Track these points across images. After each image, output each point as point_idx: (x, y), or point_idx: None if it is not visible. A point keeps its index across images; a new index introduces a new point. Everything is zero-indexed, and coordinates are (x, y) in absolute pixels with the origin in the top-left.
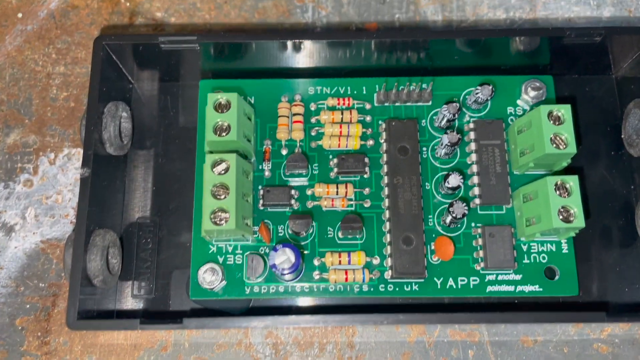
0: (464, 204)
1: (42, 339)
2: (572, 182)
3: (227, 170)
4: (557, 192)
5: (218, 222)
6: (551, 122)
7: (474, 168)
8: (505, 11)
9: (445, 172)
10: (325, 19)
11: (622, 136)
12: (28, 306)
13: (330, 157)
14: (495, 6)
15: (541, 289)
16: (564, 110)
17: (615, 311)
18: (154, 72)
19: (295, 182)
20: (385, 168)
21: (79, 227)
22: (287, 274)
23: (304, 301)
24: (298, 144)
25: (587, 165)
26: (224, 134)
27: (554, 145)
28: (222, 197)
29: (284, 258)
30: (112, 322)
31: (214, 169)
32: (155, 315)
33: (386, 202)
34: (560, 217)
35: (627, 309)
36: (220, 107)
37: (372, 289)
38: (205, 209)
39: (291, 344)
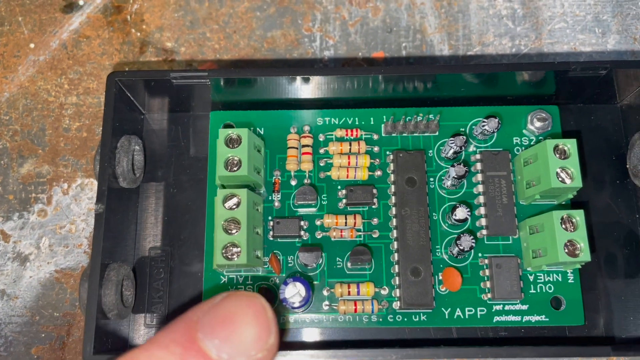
0: (472, 237)
1: None
2: (578, 216)
3: (238, 205)
4: (563, 226)
5: (230, 256)
6: (557, 156)
7: (481, 199)
8: (510, 39)
9: (453, 203)
10: (333, 48)
11: (627, 166)
12: (43, 335)
13: (339, 187)
14: (501, 34)
15: (547, 319)
16: (570, 145)
17: (621, 342)
18: (164, 104)
19: (305, 212)
20: (393, 199)
21: (94, 263)
22: (298, 307)
23: (314, 332)
24: (307, 175)
25: (592, 194)
26: (235, 168)
27: (560, 179)
28: (234, 231)
29: (294, 292)
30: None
31: (225, 204)
32: None
33: (394, 233)
34: (566, 250)
35: (633, 341)
36: (231, 142)
37: (380, 319)
38: (217, 244)
39: None
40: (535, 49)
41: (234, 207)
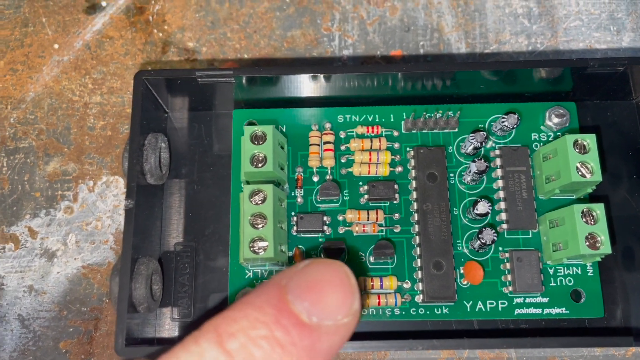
0: (493, 231)
1: None
2: (599, 209)
3: (264, 200)
4: (584, 219)
5: (256, 250)
6: (577, 150)
7: (501, 194)
8: (526, 37)
9: (473, 198)
10: (352, 47)
11: None
12: (71, 330)
13: (360, 183)
14: (517, 33)
15: (567, 312)
16: (590, 140)
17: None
18: (188, 102)
19: (327, 207)
20: (414, 194)
21: (125, 257)
22: None
23: None
24: (329, 171)
25: (610, 189)
26: (260, 165)
27: (580, 173)
28: (260, 226)
29: None
30: (158, 348)
31: (251, 199)
32: None
33: (416, 227)
34: (587, 243)
35: None
36: (256, 139)
37: (403, 313)
38: (244, 238)
39: None
40: (551, 47)
41: (260, 202)
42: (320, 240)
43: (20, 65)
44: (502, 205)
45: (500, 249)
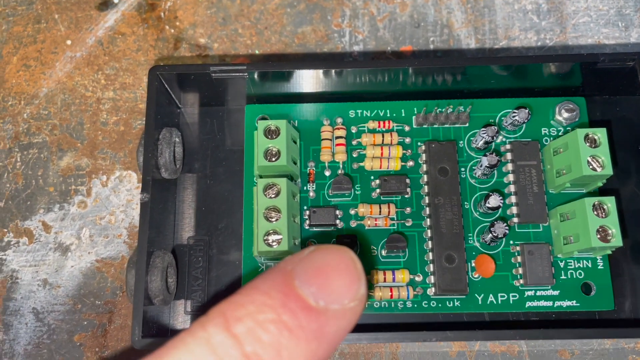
0: (505, 224)
1: (100, 354)
2: (610, 203)
3: (278, 194)
4: (595, 212)
5: (271, 243)
6: (587, 144)
7: (512, 188)
8: (536, 33)
9: (485, 192)
10: (362, 43)
11: None
12: (85, 323)
13: (372, 177)
14: (527, 29)
15: (578, 304)
16: (600, 134)
17: None
18: (200, 97)
19: (339, 201)
20: (425, 188)
21: (141, 249)
22: None
23: None
24: (341, 166)
25: (619, 183)
26: (274, 159)
27: (591, 167)
28: (274, 219)
29: None
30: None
31: (265, 193)
32: None
33: (428, 221)
34: (599, 236)
35: None
36: (270, 133)
37: (415, 305)
38: (259, 231)
39: (337, 357)
40: (560, 43)
41: (274, 196)
42: (332, 233)
43: (33, 62)
44: (513, 199)
45: (512, 242)
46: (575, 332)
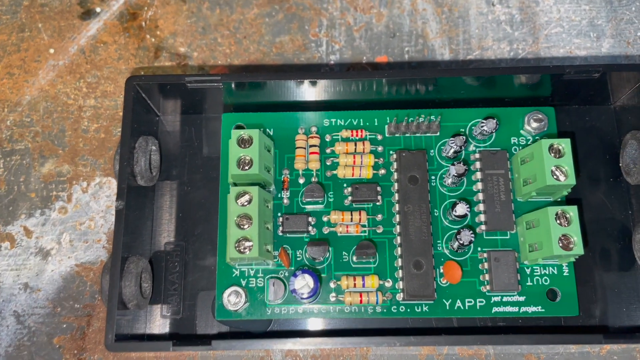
0: (471, 232)
1: (78, 356)
2: (572, 212)
3: (250, 201)
4: (558, 221)
5: (242, 250)
6: (552, 155)
7: (480, 196)
8: (509, 43)
9: (453, 200)
10: (339, 52)
11: (620, 165)
12: (65, 326)
13: (345, 185)
14: (500, 39)
15: (543, 310)
16: (564, 144)
17: (613, 331)
18: (178, 106)
19: (312, 208)
20: (396, 196)
21: (115, 255)
22: (306, 297)
23: (321, 321)
24: (314, 174)
25: (587, 191)
26: (246, 167)
27: (555, 177)
28: (246, 226)
29: (303, 283)
30: (147, 344)
31: (237, 201)
32: (184, 337)
33: (397, 228)
34: (561, 244)
35: (625, 330)
36: (243, 142)
37: (385, 310)
38: (230, 238)
39: None
40: (533, 53)
41: (246, 203)
42: (305, 240)
43: (16, 69)
44: (481, 207)
45: (479, 249)
46: (541, 338)
